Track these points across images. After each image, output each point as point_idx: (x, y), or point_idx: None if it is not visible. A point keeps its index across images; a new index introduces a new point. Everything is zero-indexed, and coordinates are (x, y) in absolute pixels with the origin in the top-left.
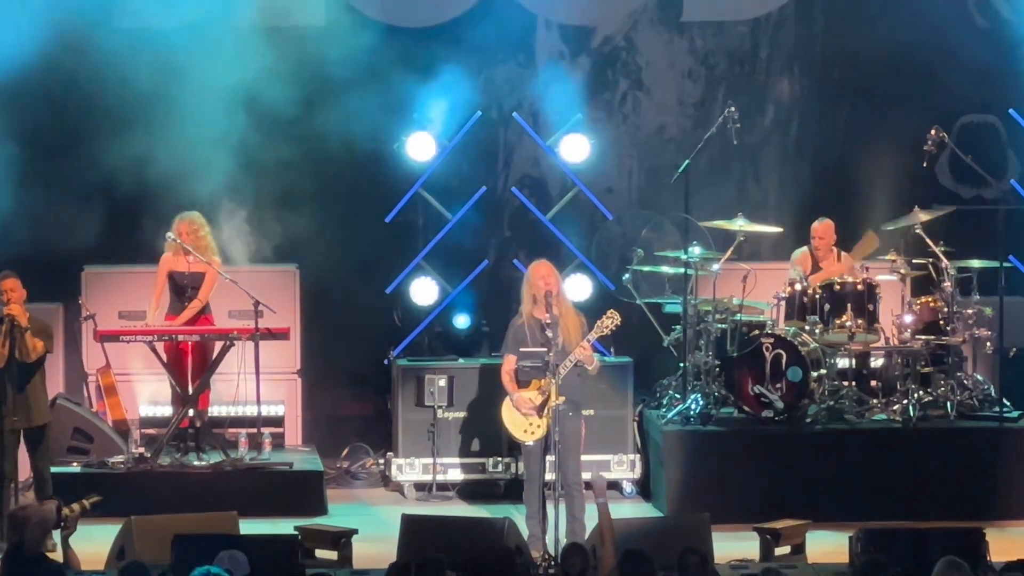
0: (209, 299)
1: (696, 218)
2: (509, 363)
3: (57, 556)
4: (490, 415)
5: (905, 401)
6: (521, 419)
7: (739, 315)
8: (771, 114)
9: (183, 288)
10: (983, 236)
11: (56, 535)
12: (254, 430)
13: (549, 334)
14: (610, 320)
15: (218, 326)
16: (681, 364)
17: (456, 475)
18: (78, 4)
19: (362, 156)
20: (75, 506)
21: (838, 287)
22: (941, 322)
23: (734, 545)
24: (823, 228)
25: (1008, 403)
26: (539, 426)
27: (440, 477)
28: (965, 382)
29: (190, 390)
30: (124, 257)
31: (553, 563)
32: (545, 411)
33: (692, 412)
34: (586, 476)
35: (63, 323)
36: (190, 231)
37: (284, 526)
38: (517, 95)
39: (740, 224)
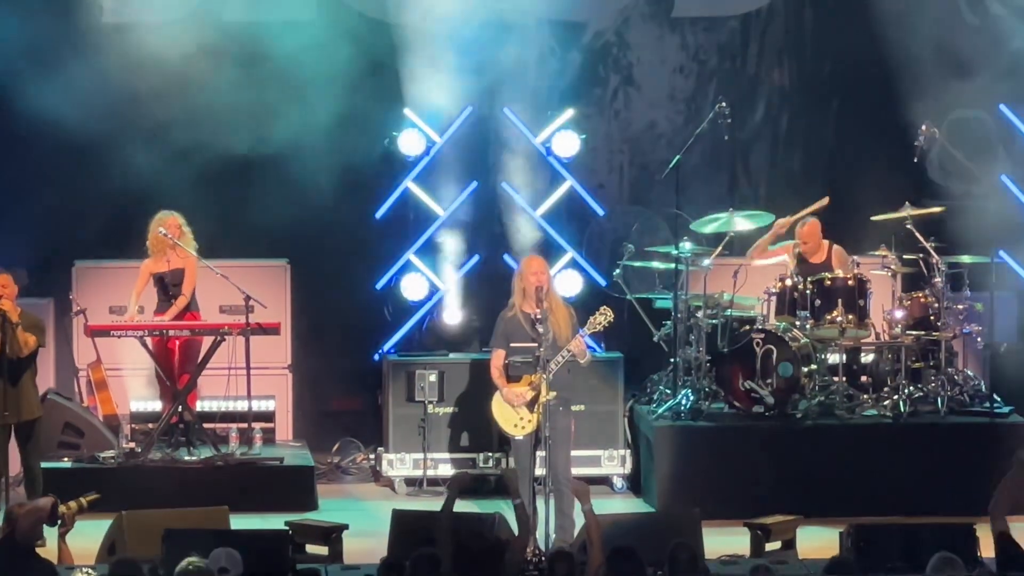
0: (195, 295)
1: (687, 213)
2: (498, 357)
3: (51, 552)
4: (481, 410)
5: (896, 396)
6: (512, 413)
7: (730, 310)
8: (762, 109)
9: (167, 287)
10: (974, 232)
11: (52, 532)
12: (245, 425)
13: (540, 329)
14: (603, 316)
15: (209, 321)
16: (672, 359)
17: (446, 470)
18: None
19: (353, 151)
20: (72, 504)
21: (828, 282)
22: (932, 318)
23: (724, 540)
24: (807, 232)
25: (998, 398)
26: (529, 420)
27: (431, 472)
28: (955, 377)
29: (179, 385)
30: (115, 252)
31: (542, 558)
32: (536, 406)
33: (683, 407)
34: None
35: (54, 318)
36: (176, 229)
37: (274, 521)
38: (508, 91)
39: (732, 221)
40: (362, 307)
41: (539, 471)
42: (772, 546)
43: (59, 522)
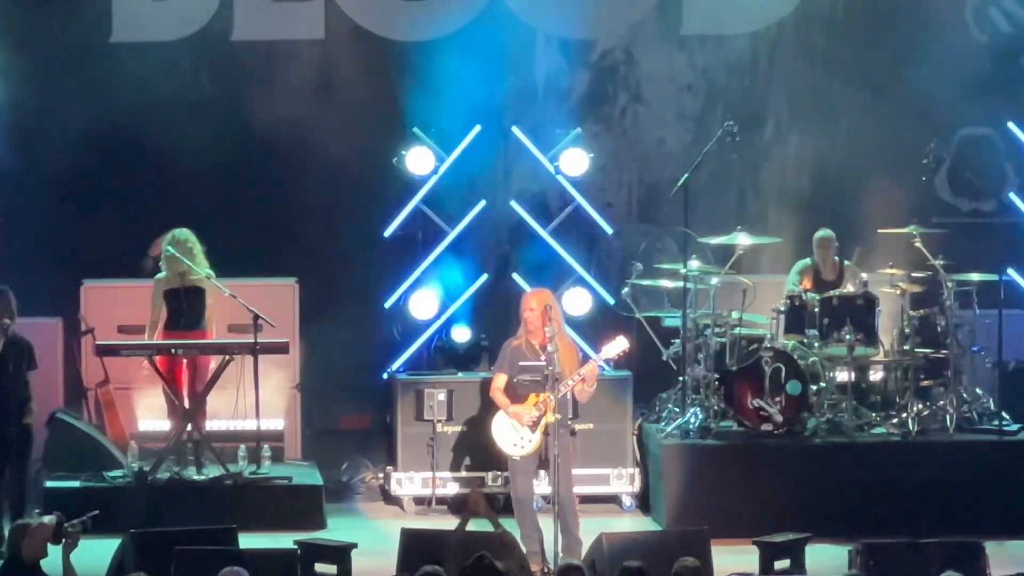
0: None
1: (695, 232)
2: (499, 381)
3: (56, 570)
4: (490, 429)
5: (904, 414)
6: (512, 433)
7: (738, 329)
8: (770, 128)
9: (179, 305)
10: (982, 249)
11: (57, 550)
12: (253, 444)
13: (550, 348)
14: (618, 345)
15: (217, 340)
16: (680, 378)
17: (455, 489)
18: (74, 19)
19: (361, 170)
20: (76, 522)
21: (837, 301)
22: (940, 335)
23: (734, 559)
24: (831, 238)
25: (1007, 416)
26: (530, 441)
27: (439, 491)
28: (964, 395)
29: (188, 404)
30: (124, 271)
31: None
32: (540, 427)
33: (691, 426)
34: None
35: (62, 337)
36: (185, 249)
37: (283, 540)
38: (516, 109)
39: (739, 239)
40: (371, 326)
41: (539, 491)
42: (781, 564)
43: (63, 540)
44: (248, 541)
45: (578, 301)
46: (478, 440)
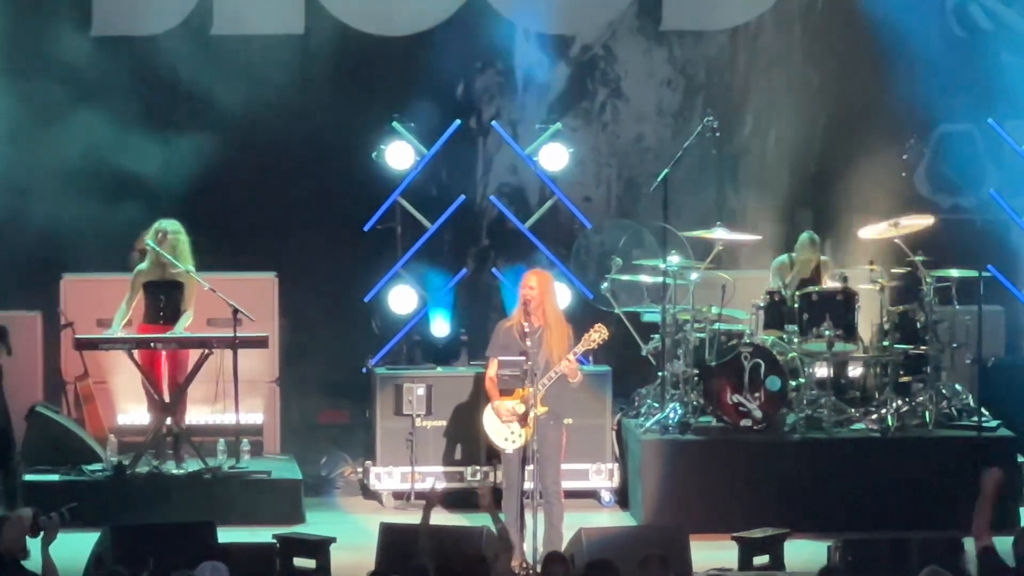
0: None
1: (675, 227)
2: (492, 367)
3: (36, 565)
4: (469, 424)
5: (883, 410)
6: (502, 427)
7: (718, 324)
8: (749, 123)
9: (158, 297)
10: (962, 245)
11: (36, 545)
12: (232, 438)
13: (528, 343)
14: (597, 334)
15: (197, 334)
16: (660, 373)
17: (439, 484)
18: (54, 13)
19: (341, 164)
20: (53, 515)
21: (816, 296)
22: (920, 331)
23: (713, 554)
24: (816, 243)
25: (986, 412)
26: (520, 435)
27: (418, 486)
28: (943, 391)
29: (167, 398)
30: (103, 265)
31: (531, 571)
32: (527, 420)
33: (670, 421)
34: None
35: (42, 331)
36: (168, 239)
37: (262, 534)
38: (496, 104)
39: (718, 233)
40: (350, 320)
41: (528, 485)
42: (760, 560)
43: (41, 533)
44: (227, 535)
45: (557, 296)
46: (458, 434)
